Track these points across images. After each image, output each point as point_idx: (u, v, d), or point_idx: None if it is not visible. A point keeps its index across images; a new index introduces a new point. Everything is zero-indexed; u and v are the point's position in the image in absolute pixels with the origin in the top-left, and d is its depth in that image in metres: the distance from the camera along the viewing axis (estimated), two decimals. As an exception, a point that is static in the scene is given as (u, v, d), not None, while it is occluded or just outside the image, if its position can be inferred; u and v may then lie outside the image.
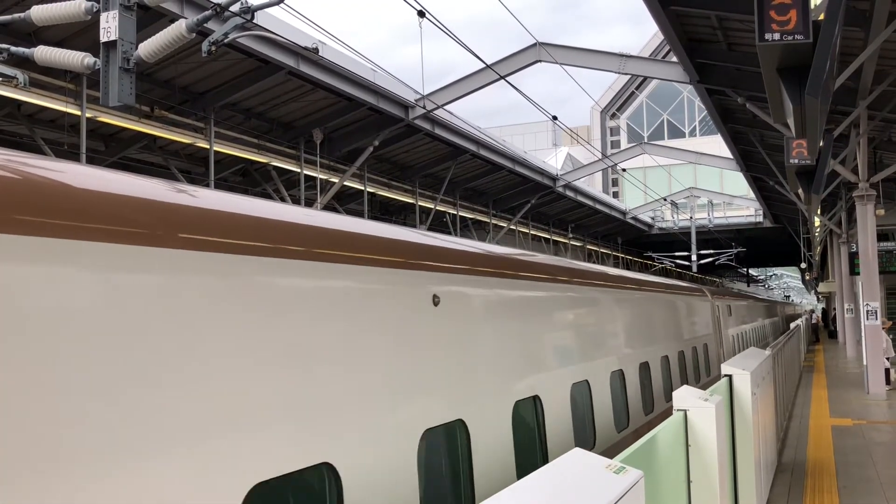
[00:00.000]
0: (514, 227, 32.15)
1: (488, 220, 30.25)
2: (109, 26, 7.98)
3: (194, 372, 2.79)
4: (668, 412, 5.15)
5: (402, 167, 24.11)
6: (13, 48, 8.80)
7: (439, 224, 27.53)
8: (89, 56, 8.17)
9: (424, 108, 19.53)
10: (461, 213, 28.28)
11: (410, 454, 4.04)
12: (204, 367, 2.84)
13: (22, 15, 8.39)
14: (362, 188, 21.95)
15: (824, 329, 49.64)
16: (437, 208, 25.89)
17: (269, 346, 3.15)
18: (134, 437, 2.54)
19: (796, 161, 10.14)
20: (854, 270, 23.59)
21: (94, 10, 8.00)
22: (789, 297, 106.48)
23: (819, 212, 28.82)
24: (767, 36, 5.37)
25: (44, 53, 8.36)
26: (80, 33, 12.90)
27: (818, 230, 34.05)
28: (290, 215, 3.68)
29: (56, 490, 2.29)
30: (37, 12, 8.25)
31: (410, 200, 24.81)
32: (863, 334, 17.18)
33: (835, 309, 41.01)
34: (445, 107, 20.13)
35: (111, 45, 8.02)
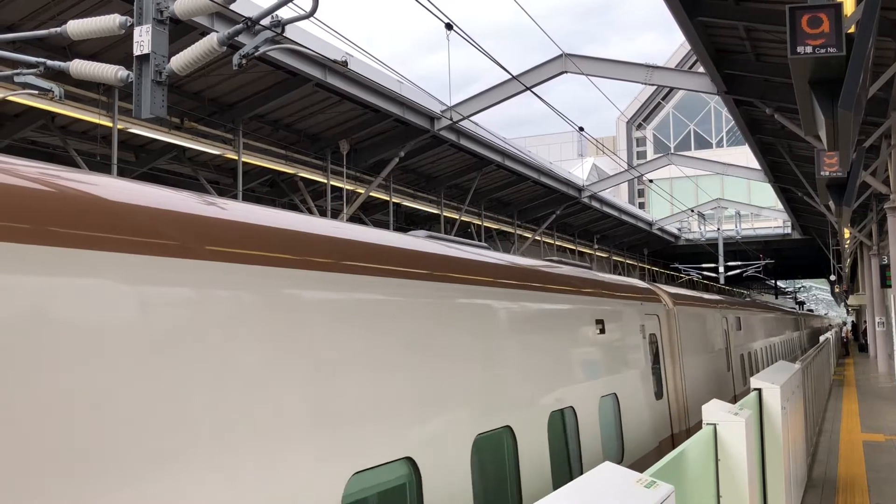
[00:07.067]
0: (539, 238, 32.08)
1: (513, 231, 30.22)
2: (143, 40, 8.13)
3: None
4: None
5: (427, 178, 24.19)
6: (49, 62, 8.98)
7: (464, 235, 27.56)
8: (122, 69, 8.32)
9: (450, 119, 19.59)
10: (486, 224, 28.28)
11: None
12: None
13: (58, 29, 8.56)
14: (388, 199, 22.04)
15: (854, 343, 48.86)
16: (463, 219, 25.92)
17: None
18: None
19: (827, 173, 10.03)
20: (885, 283, 23.20)
21: (128, 24, 8.15)
22: (803, 303, 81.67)
23: (849, 223, 28.40)
24: (800, 49, 5.33)
25: (79, 67, 8.52)
26: (113, 46, 13.13)
27: (848, 242, 33.56)
28: None
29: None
30: (73, 27, 8.42)
31: (436, 211, 24.87)
32: (895, 348, 16.90)
33: (865, 322, 40.38)
34: (471, 117, 20.18)
35: (144, 58, 8.16)
